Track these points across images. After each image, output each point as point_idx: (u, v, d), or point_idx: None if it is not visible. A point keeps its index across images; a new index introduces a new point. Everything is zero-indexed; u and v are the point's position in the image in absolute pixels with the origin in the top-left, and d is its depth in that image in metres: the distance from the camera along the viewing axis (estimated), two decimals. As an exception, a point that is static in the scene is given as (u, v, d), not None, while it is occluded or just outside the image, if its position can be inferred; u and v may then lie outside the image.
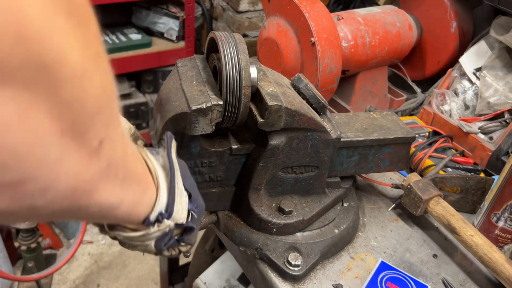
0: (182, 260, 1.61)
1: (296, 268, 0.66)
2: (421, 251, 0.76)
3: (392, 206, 0.83)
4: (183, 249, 0.50)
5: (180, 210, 0.44)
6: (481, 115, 0.96)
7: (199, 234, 1.43)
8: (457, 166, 0.92)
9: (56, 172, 0.26)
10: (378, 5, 1.27)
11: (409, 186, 0.77)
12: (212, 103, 0.56)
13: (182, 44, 2.21)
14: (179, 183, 0.45)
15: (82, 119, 0.26)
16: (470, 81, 1.01)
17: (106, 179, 0.31)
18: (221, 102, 0.57)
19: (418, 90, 1.16)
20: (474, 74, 1.00)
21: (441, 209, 0.74)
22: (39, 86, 0.22)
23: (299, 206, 0.71)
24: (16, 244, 1.63)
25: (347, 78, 1.06)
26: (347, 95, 1.08)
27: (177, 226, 0.45)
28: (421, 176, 0.82)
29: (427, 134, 1.01)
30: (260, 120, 0.60)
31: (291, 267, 0.66)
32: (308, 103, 0.66)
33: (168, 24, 2.16)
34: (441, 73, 1.13)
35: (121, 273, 1.98)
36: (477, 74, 1.00)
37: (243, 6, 2.13)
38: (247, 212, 0.69)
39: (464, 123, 0.96)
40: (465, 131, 0.95)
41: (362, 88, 1.07)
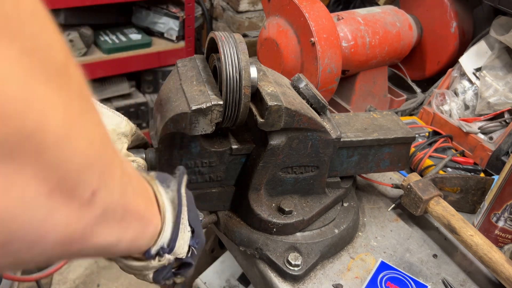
0: (182, 260, 1.60)
1: (296, 268, 0.66)
2: (421, 251, 0.76)
3: (392, 206, 0.83)
4: (177, 280, 0.51)
5: (182, 246, 0.45)
6: (481, 115, 0.96)
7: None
8: (457, 166, 0.92)
9: (43, 229, 0.25)
10: (378, 5, 1.27)
11: (409, 186, 0.77)
12: (212, 103, 0.56)
13: (182, 44, 2.21)
14: (185, 219, 0.46)
15: (69, 176, 0.25)
16: (470, 81, 1.01)
17: (101, 224, 0.30)
18: (221, 102, 0.57)
19: (418, 90, 1.16)
20: (474, 74, 1.00)
21: (441, 209, 0.74)
22: (22, 154, 0.21)
23: (299, 206, 0.71)
24: (16, 244, 1.62)
25: (347, 78, 1.06)
26: (347, 95, 1.08)
27: (177, 259, 0.45)
28: (421, 176, 0.82)
29: (427, 134, 1.01)
30: (260, 120, 0.60)
31: (291, 267, 0.66)
32: (308, 103, 0.66)
33: (168, 24, 2.16)
34: (441, 73, 1.13)
35: (121, 273, 1.99)
36: (477, 74, 1.00)
37: (243, 6, 2.13)
38: (247, 212, 0.69)
39: (464, 123, 0.96)
40: (465, 131, 0.95)
41: (362, 88, 1.07)
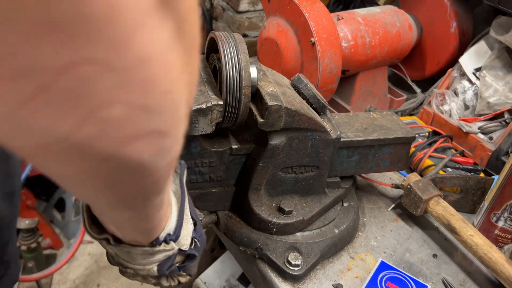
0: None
1: (296, 268, 0.66)
2: (421, 251, 0.76)
3: (392, 206, 0.83)
4: (182, 279, 0.51)
5: (185, 236, 0.46)
6: (481, 115, 0.96)
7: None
8: (457, 166, 0.92)
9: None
10: (378, 5, 1.27)
11: (409, 186, 0.77)
12: (212, 103, 0.56)
13: (182, 44, 2.20)
14: (187, 210, 0.47)
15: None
16: (470, 81, 1.01)
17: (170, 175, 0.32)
18: (221, 102, 0.57)
19: (418, 90, 1.16)
20: (474, 74, 1.00)
21: (441, 209, 0.74)
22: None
23: (299, 206, 0.71)
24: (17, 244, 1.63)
25: (347, 78, 1.06)
26: (347, 95, 1.08)
27: (180, 252, 0.46)
28: (421, 176, 0.82)
29: (427, 134, 1.01)
30: (260, 120, 0.60)
31: (291, 267, 0.66)
32: (308, 103, 0.66)
33: (168, 24, 2.16)
34: (441, 73, 1.13)
35: (121, 273, 1.98)
36: (477, 74, 1.00)
37: (243, 6, 2.13)
38: (247, 212, 0.69)
39: (464, 123, 0.96)
40: (465, 131, 0.95)
41: (362, 88, 1.07)
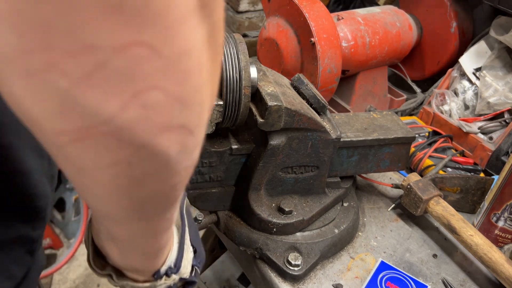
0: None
1: (296, 268, 0.66)
2: (421, 251, 0.76)
3: (392, 206, 0.83)
4: None
5: (186, 266, 0.46)
6: (481, 115, 0.96)
7: (199, 234, 1.43)
8: (457, 166, 0.92)
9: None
10: (378, 5, 1.27)
11: (409, 186, 0.77)
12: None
13: (182, 44, 2.21)
14: (187, 239, 0.47)
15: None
16: (470, 81, 1.01)
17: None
18: (221, 102, 0.57)
19: (418, 90, 1.16)
20: (474, 74, 1.00)
21: (441, 209, 0.74)
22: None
23: (299, 206, 0.71)
24: (16, 244, 1.62)
25: (347, 78, 1.06)
26: (347, 95, 1.08)
27: (181, 279, 0.46)
28: (421, 176, 0.82)
29: (427, 134, 1.01)
30: (260, 120, 0.60)
31: (291, 267, 0.66)
32: (308, 103, 0.66)
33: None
34: (441, 73, 1.13)
35: (121, 273, 1.98)
36: (477, 74, 1.00)
37: (243, 6, 2.13)
38: (247, 212, 0.69)
39: (464, 123, 0.96)
40: (465, 131, 0.95)
41: (362, 88, 1.07)
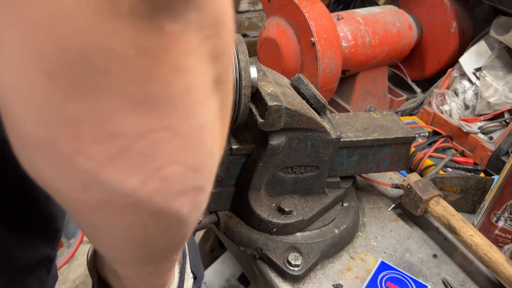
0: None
1: (296, 268, 0.66)
2: (421, 251, 0.76)
3: (392, 206, 0.83)
4: None
5: None
6: (481, 115, 0.96)
7: (199, 234, 1.43)
8: (457, 166, 0.92)
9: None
10: (378, 5, 1.27)
11: (409, 186, 0.76)
12: (212, 103, 0.56)
13: (182, 44, 2.20)
14: (188, 268, 0.49)
15: None
16: (470, 81, 1.01)
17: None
18: (221, 102, 0.57)
19: (418, 90, 1.16)
20: (474, 74, 1.00)
21: (441, 209, 0.74)
22: None
23: (299, 206, 0.71)
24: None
25: (347, 78, 1.06)
26: (347, 95, 1.08)
27: None
28: (421, 176, 0.82)
29: (427, 134, 1.01)
30: (260, 120, 0.60)
31: (291, 267, 0.66)
32: (308, 103, 0.66)
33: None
34: (441, 73, 1.13)
35: (121, 273, 1.98)
36: (477, 74, 1.00)
37: (243, 6, 2.13)
38: (247, 212, 0.69)
39: (464, 123, 0.96)
40: (465, 131, 0.95)
41: (362, 88, 1.07)
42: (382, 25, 1.04)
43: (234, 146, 0.65)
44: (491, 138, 0.93)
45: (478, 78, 0.99)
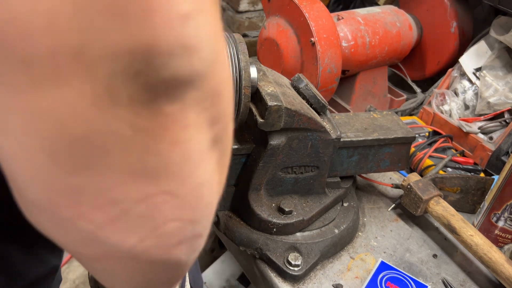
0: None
1: (296, 268, 0.66)
2: (421, 251, 0.76)
3: (392, 206, 0.83)
4: None
5: None
6: (481, 115, 0.96)
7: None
8: (457, 166, 0.92)
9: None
10: (378, 5, 1.27)
11: (409, 186, 0.76)
12: (212, 103, 0.56)
13: (182, 44, 2.20)
14: (187, 285, 0.50)
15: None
16: (470, 81, 1.01)
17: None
18: (221, 102, 0.57)
19: (418, 90, 1.16)
20: (474, 74, 1.00)
21: (441, 209, 0.74)
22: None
23: (299, 206, 0.71)
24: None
25: (347, 78, 1.06)
26: (347, 95, 1.08)
27: None
28: (421, 176, 0.82)
29: (427, 134, 1.01)
30: (260, 120, 0.60)
31: (291, 267, 0.66)
32: (308, 103, 0.66)
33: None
34: (441, 73, 1.13)
35: (121, 273, 1.98)
36: (477, 74, 1.00)
37: (243, 6, 2.13)
38: (247, 212, 0.69)
39: (464, 123, 0.96)
40: (465, 131, 0.95)
41: (362, 88, 1.07)
42: (382, 25, 1.04)
43: (234, 146, 0.65)
44: (491, 138, 0.93)
45: (478, 78, 0.99)
